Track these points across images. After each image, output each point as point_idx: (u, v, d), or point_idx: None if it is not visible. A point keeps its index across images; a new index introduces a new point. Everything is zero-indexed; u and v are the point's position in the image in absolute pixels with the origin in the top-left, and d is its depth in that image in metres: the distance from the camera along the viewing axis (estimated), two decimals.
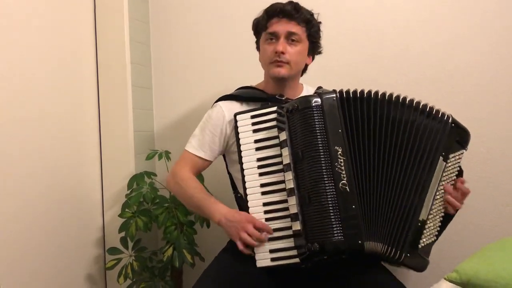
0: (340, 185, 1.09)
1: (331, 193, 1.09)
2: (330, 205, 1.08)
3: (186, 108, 2.02)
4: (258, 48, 1.42)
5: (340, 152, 1.11)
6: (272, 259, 1.15)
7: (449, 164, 1.17)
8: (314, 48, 1.39)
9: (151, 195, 1.72)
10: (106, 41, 1.91)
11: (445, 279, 1.06)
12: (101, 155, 1.93)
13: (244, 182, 1.22)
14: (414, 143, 1.14)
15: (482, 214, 1.60)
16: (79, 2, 1.85)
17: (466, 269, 1.04)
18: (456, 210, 1.20)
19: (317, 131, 1.12)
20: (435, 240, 1.17)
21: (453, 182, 1.19)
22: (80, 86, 1.84)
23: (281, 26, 1.29)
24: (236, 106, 1.36)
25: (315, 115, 1.12)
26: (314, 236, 1.09)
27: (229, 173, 1.44)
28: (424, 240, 1.13)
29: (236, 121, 1.26)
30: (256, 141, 1.23)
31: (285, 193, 1.17)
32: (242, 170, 1.23)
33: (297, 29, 1.30)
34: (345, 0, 1.77)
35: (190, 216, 1.76)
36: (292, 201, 1.14)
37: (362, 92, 1.17)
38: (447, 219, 1.20)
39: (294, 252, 1.14)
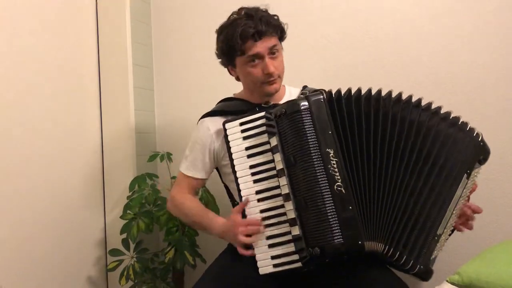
0: (335, 186, 1.08)
1: (327, 196, 1.08)
2: (327, 208, 1.07)
3: (187, 109, 2.02)
4: (224, 64, 1.38)
5: (332, 154, 1.09)
6: (274, 265, 1.15)
7: (469, 181, 1.15)
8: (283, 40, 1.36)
9: (152, 196, 1.73)
10: (108, 42, 1.92)
11: (447, 281, 1.06)
12: (103, 157, 1.94)
13: (239, 191, 1.21)
14: (432, 151, 1.11)
15: (484, 216, 1.58)
16: (81, 4, 1.85)
17: (468, 272, 1.04)
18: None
19: (307, 134, 1.10)
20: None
21: (467, 199, 1.19)
22: (82, 88, 1.85)
23: (261, 47, 1.25)
24: (221, 121, 1.33)
25: (303, 118, 1.10)
26: (313, 240, 1.08)
27: (223, 183, 1.44)
28: (435, 252, 1.12)
29: (225, 130, 1.25)
30: (247, 148, 1.22)
31: (281, 198, 1.16)
32: (236, 178, 1.21)
33: (274, 40, 1.27)
34: (346, 1, 1.78)
35: None
36: (289, 206, 1.13)
37: (358, 90, 1.14)
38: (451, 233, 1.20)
39: (295, 257, 1.13)
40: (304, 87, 1.43)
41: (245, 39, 1.24)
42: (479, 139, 1.15)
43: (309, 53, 1.82)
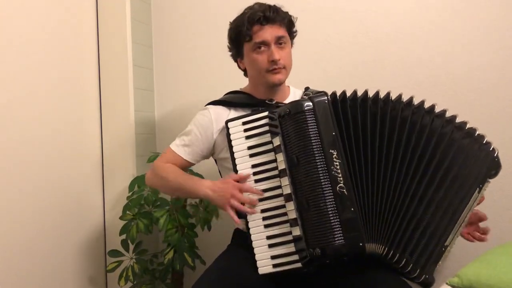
0: (338, 188, 1.08)
1: (329, 197, 1.07)
2: (329, 209, 1.07)
3: (187, 110, 2.02)
4: (234, 57, 1.40)
5: (335, 155, 1.09)
6: (274, 265, 1.14)
7: (479, 194, 1.14)
8: (292, 43, 1.38)
9: (152, 197, 1.72)
10: (108, 43, 1.92)
11: (447, 283, 1.06)
12: (103, 157, 1.94)
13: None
14: (445, 161, 1.09)
15: None
16: (81, 4, 1.85)
17: (468, 274, 1.03)
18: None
19: (311, 135, 1.10)
20: None
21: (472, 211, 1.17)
22: (82, 88, 1.85)
23: (268, 33, 1.27)
24: (224, 112, 1.35)
25: (308, 119, 1.10)
26: (314, 241, 1.08)
27: (221, 177, 1.43)
28: (440, 263, 1.11)
29: (227, 129, 1.24)
30: (249, 148, 1.21)
31: (282, 198, 1.15)
32: None
33: (282, 31, 1.30)
34: (347, 2, 1.77)
35: (191, 219, 1.76)
36: (290, 206, 1.13)
37: (365, 92, 1.14)
38: None
39: (295, 257, 1.13)
40: (307, 88, 1.43)
41: (252, 22, 1.27)
42: (495, 155, 1.14)
43: (309, 53, 1.82)
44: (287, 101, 1.37)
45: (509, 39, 1.58)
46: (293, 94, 1.42)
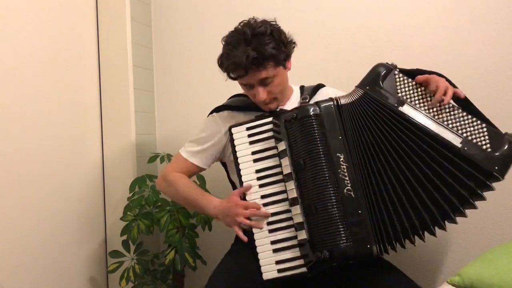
0: (345, 191, 1.09)
1: (337, 200, 1.09)
2: (336, 211, 1.09)
3: (188, 111, 2.02)
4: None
5: (342, 159, 1.11)
6: (279, 270, 1.14)
7: None
8: (288, 59, 1.28)
9: (153, 198, 1.73)
10: (108, 44, 1.92)
11: (448, 282, 1.06)
12: (103, 158, 1.94)
13: (244, 195, 1.22)
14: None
15: (485, 217, 1.59)
16: (82, 5, 1.86)
17: (469, 273, 1.04)
18: None
19: (318, 139, 1.12)
20: None
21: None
22: (82, 89, 1.85)
23: (251, 79, 1.21)
24: (229, 115, 1.36)
25: (314, 123, 1.12)
26: (322, 243, 1.09)
27: (230, 181, 1.44)
28: None
29: (231, 134, 1.25)
30: (253, 153, 1.22)
31: (287, 203, 1.16)
32: (241, 182, 1.22)
33: (267, 72, 1.20)
34: (347, 2, 1.77)
35: (192, 219, 1.76)
36: (296, 210, 1.13)
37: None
38: None
39: (300, 262, 1.13)
40: (302, 87, 1.42)
41: (233, 72, 1.22)
42: None
43: (309, 53, 1.82)
44: (290, 101, 1.37)
45: (510, 38, 1.58)
46: (296, 93, 1.41)
